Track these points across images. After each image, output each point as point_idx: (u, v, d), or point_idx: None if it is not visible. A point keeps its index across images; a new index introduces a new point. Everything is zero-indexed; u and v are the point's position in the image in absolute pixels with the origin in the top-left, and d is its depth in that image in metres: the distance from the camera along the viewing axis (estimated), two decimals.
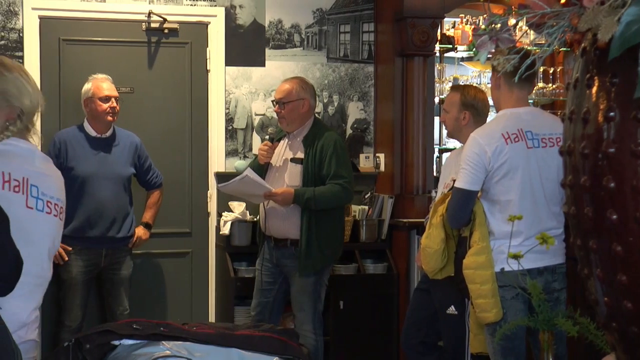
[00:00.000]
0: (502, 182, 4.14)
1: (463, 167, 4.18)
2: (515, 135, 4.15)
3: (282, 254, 5.37)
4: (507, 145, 4.13)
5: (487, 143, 4.14)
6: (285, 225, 5.33)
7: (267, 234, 5.43)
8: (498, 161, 4.12)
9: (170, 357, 3.65)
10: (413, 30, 6.31)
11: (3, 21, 6.15)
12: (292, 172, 5.33)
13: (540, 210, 4.15)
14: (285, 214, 5.31)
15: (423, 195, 6.39)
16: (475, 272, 4.14)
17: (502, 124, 4.20)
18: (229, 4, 6.54)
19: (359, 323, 6.26)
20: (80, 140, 5.73)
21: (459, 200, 4.21)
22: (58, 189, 2.96)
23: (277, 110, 5.39)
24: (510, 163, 4.13)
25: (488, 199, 4.20)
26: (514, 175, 4.13)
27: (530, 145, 4.16)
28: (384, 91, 6.68)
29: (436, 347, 5.07)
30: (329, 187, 5.23)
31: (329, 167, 5.24)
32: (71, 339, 3.84)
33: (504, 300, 4.10)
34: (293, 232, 5.30)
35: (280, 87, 5.45)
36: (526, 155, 4.14)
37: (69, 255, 5.65)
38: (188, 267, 6.51)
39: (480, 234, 4.16)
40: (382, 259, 6.45)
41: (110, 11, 6.32)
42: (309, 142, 5.32)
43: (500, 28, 2.01)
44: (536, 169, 4.14)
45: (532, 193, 4.14)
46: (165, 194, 6.10)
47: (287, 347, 3.90)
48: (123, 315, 5.74)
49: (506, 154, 4.12)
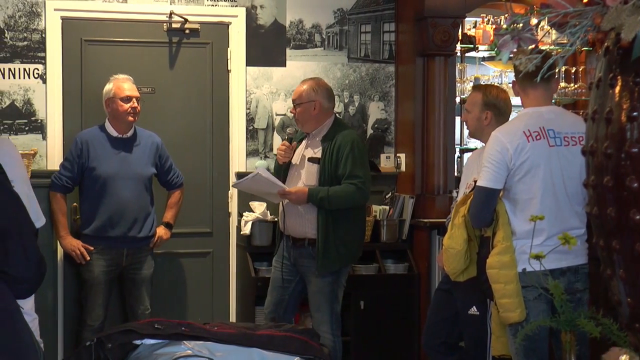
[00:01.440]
0: (524, 180, 4.12)
1: (485, 165, 4.17)
2: (537, 133, 4.14)
3: (300, 254, 5.39)
4: (528, 143, 4.11)
5: (509, 141, 4.12)
6: (303, 225, 5.36)
7: (285, 233, 5.45)
8: (519, 159, 4.10)
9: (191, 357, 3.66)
10: (434, 30, 6.30)
11: (26, 22, 6.18)
12: (309, 171, 5.36)
13: (563, 209, 4.13)
14: (302, 213, 5.34)
15: (444, 195, 6.37)
16: (499, 271, 4.12)
17: (524, 122, 4.19)
18: (250, 4, 6.54)
19: (379, 323, 6.25)
20: (102, 141, 5.75)
21: (481, 199, 4.20)
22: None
23: (293, 112, 5.50)
24: (532, 161, 4.11)
25: (510, 198, 4.18)
26: (535, 174, 4.11)
27: (552, 144, 4.14)
28: (405, 91, 6.67)
29: (457, 347, 5.06)
30: (344, 187, 5.25)
31: (345, 167, 5.26)
32: (93, 338, 3.87)
33: (526, 301, 4.08)
34: (310, 231, 5.32)
35: (296, 88, 5.56)
36: (548, 154, 4.12)
37: (90, 255, 5.68)
38: (209, 267, 6.52)
39: (504, 233, 4.14)
40: (402, 259, 6.44)
41: (132, 12, 6.33)
42: (326, 142, 5.35)
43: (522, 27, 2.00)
44: (558, 167, 4.12)
45: (554, 192, 4.12)
46: (186, 194, 6.11)
47: (308, 347, 3.90)
48: (144, 314, 5.76)
49: (528, 152, 4.11)
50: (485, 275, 4.21)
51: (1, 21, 6.14)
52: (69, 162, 5.75)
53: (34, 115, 6.19)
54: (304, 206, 5.31)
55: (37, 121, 6.20)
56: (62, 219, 5.76)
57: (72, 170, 5.72)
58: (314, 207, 5.28)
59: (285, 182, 5.41)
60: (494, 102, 4.79)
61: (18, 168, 3.07)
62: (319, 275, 5.32)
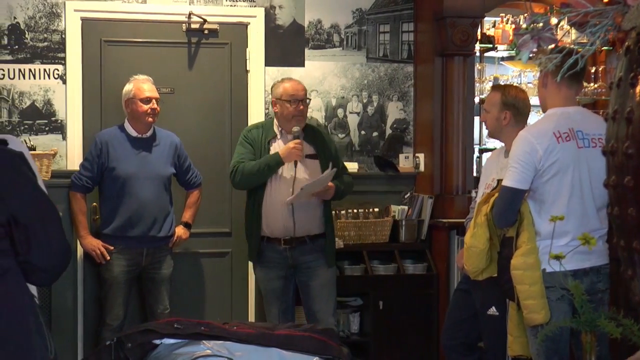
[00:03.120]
0: (552, 181, 4.10)
1: (513, 165, 4.14)
2: (567, 134, 4.12)
3: (301, 252, 5.45)
4: (558, 145, 4.09)
5: (539, 142, 4.10)
6: (310, 222, 5.46)
7: (283, 237, 5.42)
8: (549, 160, 4.08)
9: (210, 357, 3.66)
10: (453, 29, 6.29)
11: (46, 23, 6.21)
12: (312, 167, 5.46)
13: (588, 211, 4.11)
14: (310, 210, 5.44)
15: (463, 195, 6.36)
16: (524, 273, 4.11)
17: (554, 123, 4.16)
18: (269, 5, 6.55)
19: (398, 323, 6.25)
20: (122, 141, 5.77)
21: (507, 199, 4.17)
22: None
23: (302, 108, 5.50)
24: (561, 162, 4.08)
25: (535, 199, 4.15)
26: (564, 175, 4.09)
27: (581, 145, 4.12)
28: (424, 91, 6.66)
29: (476, 348, 5.05)
30: (347, 179, 5.67)
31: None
32: (113, 338, 3.88)
33: (549, 302, 4.06)
34: (315, 227, 5.46)
35: (297, 86, 5.54)
36: (577, 155, 4.10)
37: (110, 255, 5.70)
38: (228, 267, 6.53)
39: (529, 234, 4.12)
40: (421, 259, 6.43)
41: (151, 12, 6.35)
42: (312, 139, 5.51)
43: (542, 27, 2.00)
44: (586, 169, 4.10)
45: (581, 194, 4.10)
46: (206, 194, 6.13)
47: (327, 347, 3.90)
48: (163, 314, 5.77)
49: (557, 153, 4.08)
50: (506, 275, 4.19)
51: (22, 22, 6.18)
52: (89, 162, 5.77)
53: (54, 116, 6.22)
54: (312, 203, 5.42)
55: (57, 121, 6.23)
56: (82, 219, 5.78)
57: (92, 170, 5.74)
58: (318, 203, 5.45)
59: (275, 179, 5.42)
60: (513, 102, 4.78)
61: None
62: (329, 267, 5.50)
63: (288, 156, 5.38)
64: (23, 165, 2.53)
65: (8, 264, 2.48)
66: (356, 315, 6.38)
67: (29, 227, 2.45)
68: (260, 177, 5.39)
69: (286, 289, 5.54)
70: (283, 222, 5.42)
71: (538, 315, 4.08)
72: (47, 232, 2.50)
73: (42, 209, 2.52)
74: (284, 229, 5.42)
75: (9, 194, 2.45)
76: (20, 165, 2.52)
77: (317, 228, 5.48)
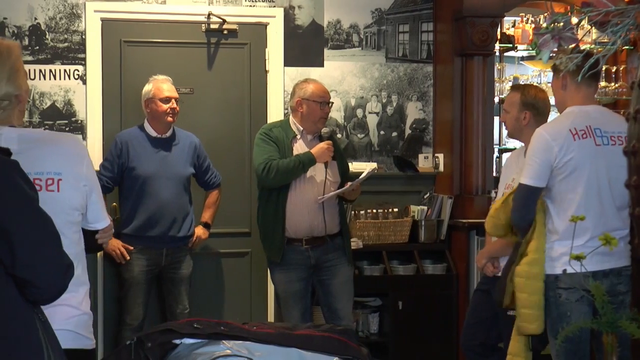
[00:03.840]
0: (568, 180, 4.07)
1: (528, 162, 4.12)
2: (584, 132, 4.09)
3: (323, 251, 5.45)
4: (574, 142, 4.06)
5: (554, 139, 4.07)
6: (333, 220, 5.47)
7: (305, 237, 5.42)
8: (564, 158, 4.05)
9: (230, 357, 3.66)
10: (472, 29, 6.27)
11: (66, 24, 6.24)
12: (334, 167, 5.49)
13: (607, 210, 4.08)
14: (333, 209, 5.46)
15: (482, 195, 6.35)
16: (526, 281, 4.10)
17: (571, 120, 4.13)
18: (288, 5, 6.56)
19: (417, 324, 6.24)
20: (141, 141, 5.79)
21: (522, 196, 4.15)
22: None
23: (328, 111, 5.54)
24: (577, 160, 4.06)
25: (552, 198, 4.13)
26: (580, 173, 4.06)
27: (599, 143, 4.09)
28: (443, 91, 6.65)
29: (496, 348, 5.03)
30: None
31: (346, 162, 5.74)
32: (133, 338, 3.88)
33: (568, 303, 4.03)
34: (334, 226, 5.49)
35: (325, 89, 5.53)
36: (594, 153, 4.07)
37: (130, 255, 5.72)
38: (247, 267, 6.54)
39: (538, 244, 4.10)
40: (441, 260, 6.42)
41: (171, 13, 6.37)
42: (324, 140, 5.49)
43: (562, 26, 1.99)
44: (604, 167, 4.07)
45: (599, 192, 4.07)
46: (225, 194, 6.14)
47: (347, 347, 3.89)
48: (183, 314, 5.79)
49: (573, 151, 4.05)
50: (504, 280, 4.19)
51: (42, 23, 6.21)
52: (109, 162, 5.79)
53: (74, 116, 6.25)
54: (332, 202, 5.44)
55: (77, 122, 6.25)
56: None
57: (112, 170, 5.76)
58: (336, 203, 5.48)
59: (302, 179, 5.41)
60: (533, 102, 4.75)
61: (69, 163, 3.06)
62: (349, 265, 5.54)
63: (321, 156, 5.36)
64: (14, 174, 2.42)
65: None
66: (375, 315, 6.38)
67: (11, 235, 2.31)
68: (294, 174, 5.33)
69: (306, 291, 5.54)
70: (310, 221, 5.39)
71: (531, 326, 4.09)
72: (35, 244, 2.36)
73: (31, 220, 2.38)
74: (309, 229, 5.39)
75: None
76: (9, 173, 2.41)
77: (336, 227, 5.50)
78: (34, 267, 2.36)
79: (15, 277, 2.34)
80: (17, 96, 2.81)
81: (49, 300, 2.45)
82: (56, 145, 3.02)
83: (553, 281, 4.09)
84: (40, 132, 3.10)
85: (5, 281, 2.34)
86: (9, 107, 2.81)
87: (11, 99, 2.81)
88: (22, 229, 2.33)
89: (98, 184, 3.19)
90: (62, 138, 3.13)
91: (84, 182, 3.07)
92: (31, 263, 2.35)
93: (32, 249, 2.35)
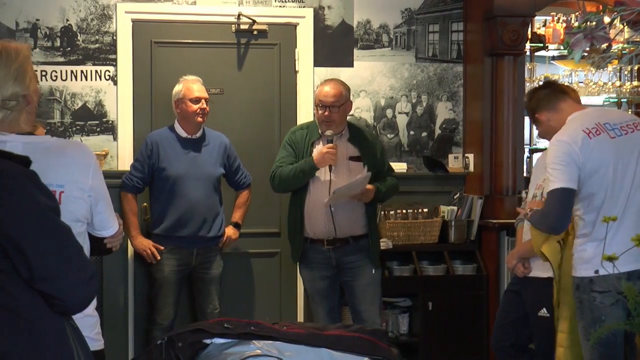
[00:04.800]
0: (594, 179, 4.02)
1: (554, 169, 4.04)
2: (596, 129, 4.08)
3: (344, 253, 5.46)
4: (591, 141, 4.04)
5: (574, 141, 4.04)
6: (352, 224, 5.45)
7: (326, 238, 5.44)
8: (587, 158, 4.02)
9: (260, 356, 3.67)
10: (503, 29, 6.24)
11: (98, 25, 6.28)
12: (355, 170, 5.43)
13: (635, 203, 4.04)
14: (351, 212, 5.43)
15: (513, 195, 6.31)
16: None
17: (579, 122, 4.12)
18: (318, 5, 6.56)
19: (448, 324, 6.22)
20: (172, 141, 5.81)
21: (559, 200, 4.04)
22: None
23: (328, 114, 5.43)
24: (599, 158, 4.02)
25: (581, 199, 4.09)
26: (605, 172, 4.02)
27: (612, 135, 4.08)
28: (473, 91, 6.62)
29: (527, 349, 5.00)
30: (391, 181, 5.61)
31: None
32: (164, 337, 3.90)
33: (602, 307, 3.98)
34: (358, 228, 5.46)
35: (327, 92, 5.47)
36: (613, 147, 4.05)
37: (161, 255, 5.74)
38: (277, 267, 6.55)
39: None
40: (471, 260, 6.40)
41: (201, 13, 6.39)
42: (356, 141, 5.49)
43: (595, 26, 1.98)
44: (627, 158, 4.05)
45: (626, 189, 4.03)
46: (255, 195, 6.15)
47: (377, 347, 3.89)
48: (213, 314, 5.80)
49: (593, 150, 4.02)
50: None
51: (74, 24, 6.25)
52: (140, 163, 5.82)
53: (105, 117, 6.29)
54: (353, 204, 5.41)
55: (108, 122, 6.29)
56: (133, 219, 5.83)
57: (143, 170, 5.79)
58: (360, 205, 5.43)
59: (315, 182, 5.42)
60: None
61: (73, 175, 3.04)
62: (373, 267, 5.50)
63: (321, 160, 5.37)
64: (29, 185, 2.40)
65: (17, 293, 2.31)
66: (405, 316, 6.37)
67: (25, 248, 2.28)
68: (296, 181, 5.42)
69: (331, 289, 5.56)
70: (324, 224, 5.44)
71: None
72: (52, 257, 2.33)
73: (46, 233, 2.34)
74: (326, 231, 5.44)
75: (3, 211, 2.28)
76: (23, 185, 2.38)
77: (360, 229, 5.48)
78: (53, 280, 2.33)
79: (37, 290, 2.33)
80: (24, 96, 2.81)
81: (77, 310, 2.44)
82: (61, 156, 2.98)
83: (587, 284, 4.04)
84: (46, 140, 3.03)
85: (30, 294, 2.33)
86: (16, 107, 2.81)
87: (18, 99, 2.80)
88: (36, 242, 2.30)
89: (106, 192, 3.15)
90: (67, 147, 3.09)
91: (88, 193, 3.04)
92: (49, 276, 2.32)
93: (49, 262, 2.32)
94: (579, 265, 4.09)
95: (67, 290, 2.37)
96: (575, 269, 4.11)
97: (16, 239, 2.28)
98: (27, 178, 2.37)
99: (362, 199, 5.42)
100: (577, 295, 4.09)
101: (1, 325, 2.29)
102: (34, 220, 2.33)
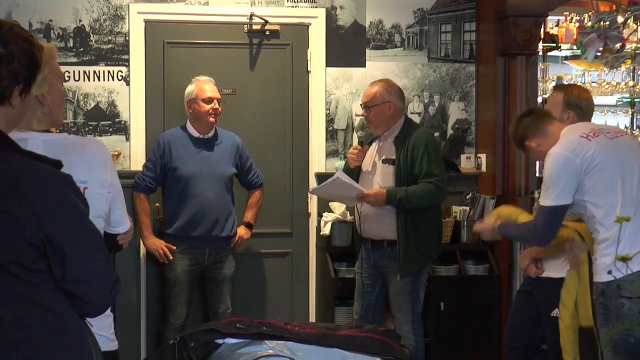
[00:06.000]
0: (599, 177, 3.99)
1: (552, 183, 4.02)
2: (593, 132, 4.09)
3: (380, 255, 5.39)
4: (590, 142, 4.03)
5: (571, 151, 4.00)
6: (380, 227, 5.35)
7: (363, 236, 5.45)
8: (590, 159, 3.98)
9: (273, 357, 3.67)
10: (515, 29, 6.24)
11: (110, 25, 6.30)
12: (384, 173, 5.35)
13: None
14: (380, 215, 5.32)
15: (525, 196, 6.30)
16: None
17: (574, 131, 4.13)
18: (330, 5, 6.56)
19: (460, 324, 6.21)
20: (184, 141, 5.82)
21: (550, 217, 4.07)
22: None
23: (364, 114, 5.44)
24: (601, 156, 3.99)
25: (591, 203, 4.05)
26: (611, 171, 3.98)
27: (610, 137, 4.08)
28: (486, 91, 6.61)
29: (539, 350, 4.99)
30: (421, 186, 5.24)
31: (421, 166, 5.25)
32: (176, 337, 3.91)
33: (631, 314, 3.84)
34: (389, 233, 5.32)
35: (366, 90, 5.48)
36: (613, 146, 4.04)
37: (173, 255, 5.75)
38: (289, 267, 6.55)
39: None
40: (483, 260, 6.39)
41: (213, 14, 6.40)
42: (400, 142, 5.33)
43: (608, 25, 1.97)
44: (629, 157, 4.04)
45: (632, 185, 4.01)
46: (267, 195, 6.15)
47: (389, 348, 3.89)
48: (225, 314, 5.81)
49: (592, 147, 4.00)
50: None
51: (87, 24, 6.27)
52: (152, 163, 5.83)
53: (118, 117, 6.30)
54: (382, 209, 5.29)
55: (121, 122, 6.30)
56: (146, 219, 5.84)
57: (155, 170, 5.80)
58: (392, 209, 5.27)
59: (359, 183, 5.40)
60: (576, 102, 4.70)
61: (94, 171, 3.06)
62: (401, 276, 5.32)
63: (349, 162, 5.45)
64: (69, 190, 2.43)
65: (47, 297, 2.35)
66: None
67: (64, 250, 2.32)
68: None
69: (369, 288, 5.49)
70: (357, 222, 5.49)
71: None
72: (86, 260, 2.39)
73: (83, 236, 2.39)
74: (360, 229, 5.48)
75: (45, 214, 2.32)
76: (64, 189, 2.42)
77: (390, 233, 5.33)
78: (84, 282, 2.38)
79: (64, 290, 2.37)
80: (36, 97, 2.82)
81: (96, 314, 2.48)
82: (82, 152, 3.03)
83: (615, 289, 3.90)
84: (65, 137, 3.07)
85: (61, 293, 2.37)
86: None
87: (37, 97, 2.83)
88: (75, 244, 2.35)
89: (121, 189, 3.19)
90: (87, 143, 3.14)
91: (108, 189, 3.09)
92: (81, 278, 2.37)
93: (83, 265, 2.37)
94: (602, 270, 4.00)
95: (96, 294, 2.42)
96: (599, 274, 3.99)
97: (58, 241, 2.32)
98: (66, 182, 2.41)
99: (370, 203, 5.28)
100: (601, 302, 3.97)
101: (35, 321, 2.32)
102: (75, 224, 2.38)
